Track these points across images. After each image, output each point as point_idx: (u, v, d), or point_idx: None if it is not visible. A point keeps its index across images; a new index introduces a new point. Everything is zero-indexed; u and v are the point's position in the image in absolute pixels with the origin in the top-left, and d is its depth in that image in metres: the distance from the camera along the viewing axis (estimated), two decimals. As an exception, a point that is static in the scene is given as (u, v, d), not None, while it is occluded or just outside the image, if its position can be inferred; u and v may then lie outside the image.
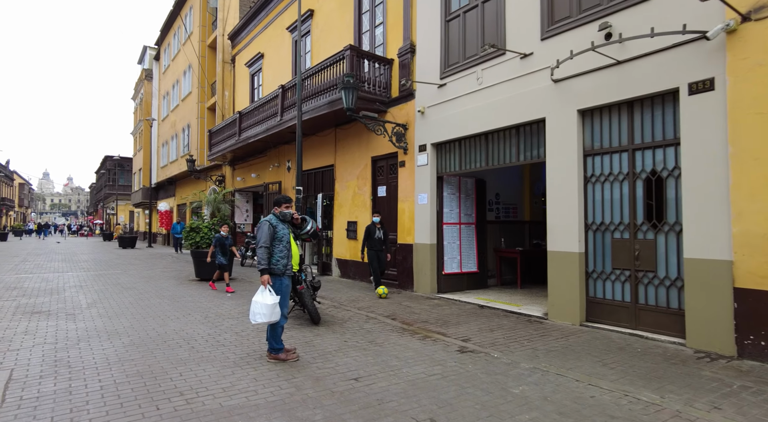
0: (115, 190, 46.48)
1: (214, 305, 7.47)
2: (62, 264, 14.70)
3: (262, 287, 4.36)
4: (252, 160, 16.46)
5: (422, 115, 8.80)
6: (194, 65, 22.07)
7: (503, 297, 8.20)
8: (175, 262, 15.71)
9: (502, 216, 10.02)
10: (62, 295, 8.40)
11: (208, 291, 8.93)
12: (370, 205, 10.25)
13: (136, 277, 11.27)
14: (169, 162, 26.36)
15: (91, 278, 11.09)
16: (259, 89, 16.77)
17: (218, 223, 10.81)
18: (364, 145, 10.48)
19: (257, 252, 4.43)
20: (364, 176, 10.46)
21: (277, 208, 4.69)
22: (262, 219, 4.61)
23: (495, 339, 5.35)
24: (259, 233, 4.50)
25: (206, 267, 10.46)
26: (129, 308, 7.19)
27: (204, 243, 10.49)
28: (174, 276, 11.59)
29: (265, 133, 12.95)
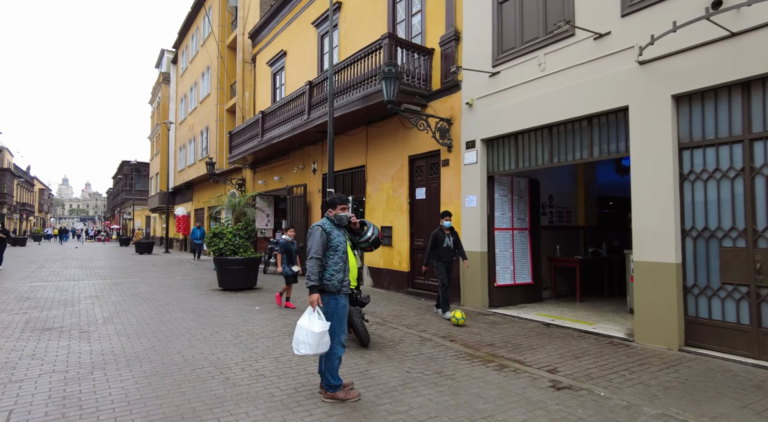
0: (131, 195, 46.44)
1: (242, 321, 6.65)
2: (78, 272, 14.10)
3: (310, 309, 3.51)
4: (274, 163, 15.73)
5: (470, 108, 7.92)
6: (213, 66, 21.55)
7: (566, 312, 7.23)
8: (194, 269, 15.01)
9: (556, 220, 9.06)
10: (77, 307, 7.68)
11: (234, 304, 8.13)
12: (407, 208, 9.37)
13: (155, 286, 10.55)
14: (187, 166, 25.88)
15: (107, 287, 10.40)
16: (281, 89, 16.07)
17: (243, 229, 10.04)
18: (400, 144, 9.63)
19: (307, 265, 3.58)
20: (400, 177, 9.60)
21: (332, 210, 3.83)
22: (313, 225, 3.76)
23: (588, 370, 4.40)
24: (309, 241, 3.66)
25: (230, 275, 9.69)
26: (149, 323, 6.41)
27: (228, 250, 9.72)
28: (195, 285, 10.85)
29: (290, 133, 12.19)
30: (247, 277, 9.87)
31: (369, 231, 4.14)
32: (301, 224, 13.41)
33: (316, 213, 12.92)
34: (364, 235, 4.13)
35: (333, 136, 9.44)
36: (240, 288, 9.80)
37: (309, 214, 13.27)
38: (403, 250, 9.42)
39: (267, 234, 17.77)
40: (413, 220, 9.28)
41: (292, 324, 6.45)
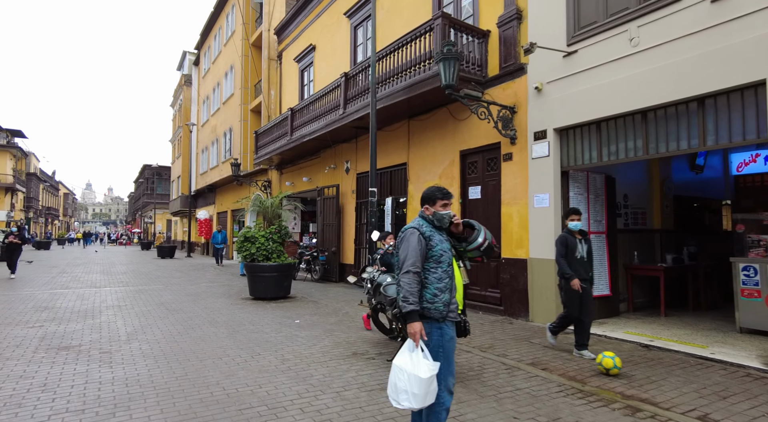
0: (153, 198, 46.46)
1: (284, 338, 5.75)
2: (100, 277, 13.47)
3: (410, 344, 2.54)
4: (303, 163, 14.92)
5: (539, 94, 6.91)
6: (236, 65, 20.97)
7: (660, 330, 6.13)
8: (219, 275, 14.26)
9: (631, 223, 7.95)
10: (98, 320, 6.89)
11: (270, 316, 7.25)
12: (458, 209, 8.38)
13: (181, 294, 9.77)
14: (209, 168, 25.37)
15: (130, 295, 9.65)
16: (309, 85, 15.28)
17: (276, 232, 9.19)
18: (449, 138, 8.66)
19: (401, 281, 2.60)
20: (450, 175, 8.62)
21: (429, 206, 2.83)
22: (405, 228, 2.79)
23: (755, 421, 3.34)
24: (402, 248, 2.68)
25: (263, 283, 8.84)
26: (178, 342, 5.55)
27: (261, 256, 8.87)
28: (223, 293, 10.03)
29: (323, 130, 11.34)
30: (281, 285, 9.00)
31: (480, 235, 3.00)
32: (333, 228, 12.53)
33: (350, 215, 12.04)
34: (474, 242, 3.00)
35: (375, 128, 8.55)
36: (273, 297, 8.93)
37: (341, 217, 12.38)
38: (454, 256, 8.42)
39: (293, 238, 16.96)
40: (466, 223, 8.28)
41: (343, 343, 5.52)
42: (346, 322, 6.79)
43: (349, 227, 12.10)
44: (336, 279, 12.11)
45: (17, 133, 42.28)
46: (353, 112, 10.01)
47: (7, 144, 40.30)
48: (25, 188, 45.51)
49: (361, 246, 11.44)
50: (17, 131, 42.09)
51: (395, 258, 2.80)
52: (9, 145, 40.59)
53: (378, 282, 5.04)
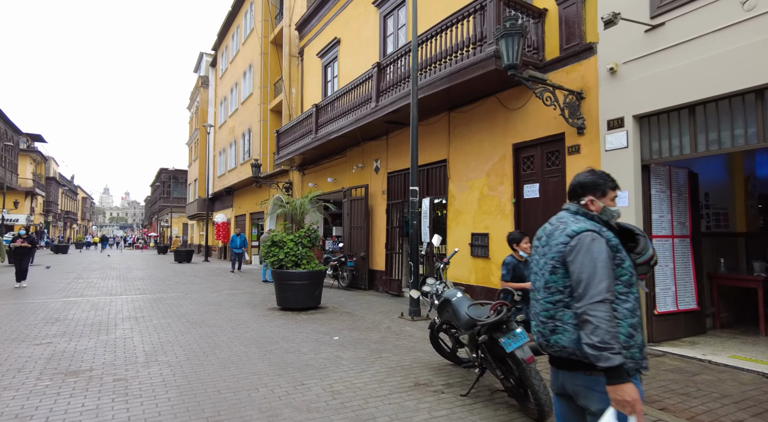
0: (169, 202, 46.29)
1: (327, 361, 4.90)
2: (116, 284, 12.84)
3: (612, 412, 1.63)
4: (327, 162, 14.14)
5: (613, 76, 5.97)
6: (255, 64, 20.37)
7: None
8: (240, 281, 13.53)
9: (713, 225, 6.94)
10: (112, 335, 6.13)
11: (304, 332, 6.41)
12: (510, 210, 7.46)
13: (201, 304, 9.01)
14: (227, 171, 24.82)
15: (148, 304, 8.93)
16: (333, 81, 14.52)
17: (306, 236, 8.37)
18: (499, 130, 7.76)
19: (590, 315, 1.64)
20: (500, 171, 7.71)
21: (595, 199, 1.93)
22: (580, 231, 1.81)
23: None
24: (581, 261, 1.73)
25: (292, 292, 8.02)
26: (204, 365, 4.74)
27: (289, 262, 8.06)
28: (247, 302, 9.24)
29: (352, 125, 10.52)
30: (311, 294, 8.18)
31: (649, 245, 2.04)
32: (361, 231, 11.70)
33: (380, 217, 11.19)
34: (645, 253, 2.00)
35: (416, 119, 7.70)
36: (303, 307, 8.10)
37: (370, 219, 11.54)
38: (505, 263, 7.49)
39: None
40: (520, 226, 7.36)
41: (397, 368, 4.65)
42: (391, 340, 5.92)
43: (379, 230, 11.25)
44: (365, 287, 11.25)
45: (37, 138, 42.50)
46: (387, 104, 9.18)
47: (27, 148, 40.50)
48: (45, 192, 45.79)
49: (394, 252, 10.57)
50: (37, 135, 42.30)
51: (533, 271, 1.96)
52: (29, 150, 40.80)
53: (445, 298, 4.15)
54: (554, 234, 1.86)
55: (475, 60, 6.95)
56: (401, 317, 7.41)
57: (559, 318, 1.76)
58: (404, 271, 10.44)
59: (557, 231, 1.86)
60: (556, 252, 1.80)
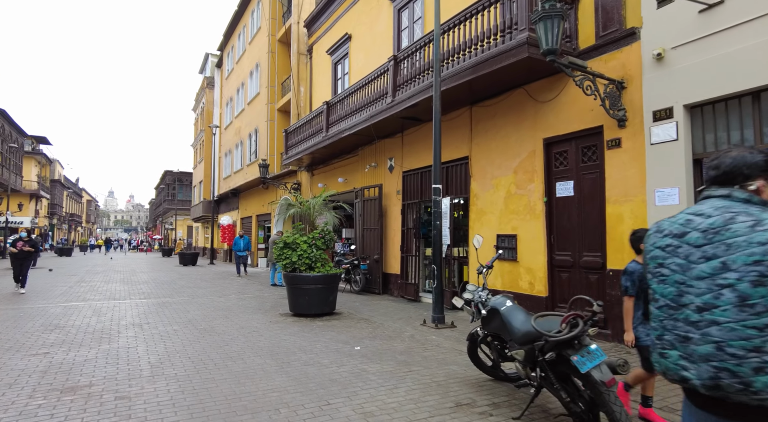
0: (174, 204, 46.05)
1: (352, 376, 4.40)
2: (120, 287, 12.39)
3: None
4: (337, 162, 13.68)
5: (659, 63, 5.47)
6: (263, 63, 19.99)
7: None
8: (247, 284, 13.05)
9: (764, 225, 6.40)
10: (114, 345, 5.66)
11: (322, 340, 5.92)
12: (541, 210, 6.96)
13: (209, 309, 8.53)
14: (233, 172, 24.42)
15: (153, 309, 8.46)
16: (344, 78, 14.09)
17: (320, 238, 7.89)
18: (527, 124, 7.26)
19: None
20: (529, 168, 7.21)
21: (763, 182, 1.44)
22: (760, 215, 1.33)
23: None
24: None
25: (306, 297, 7.53)
26: (216, 380, 4.26)
27: (303, 265, 7.58)
28: (257, 307, 8.76)
29: (367, 122, 10.06)
30: (326, 299, 7.69)
31: None
32: (374, 233, 11.21)
33: (394, 219, 10.70)
34: None
35: (440, 114, 7.22)
36: (318, 313, 7.61)
37: (384, 221, 11.05)
38: (535, 267, 6.99)
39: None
40: (552, 226, 6.85)
41: (431, 384, 4.15)
42: (417, 350, 5.42)
43: (393, 232, 10.75)
44: (379, 291, 10.75)
45: (42, 140, 42.35)
46: (405, 98, 8.70)
47: (32, 150, 40.35)
48: (50, 195, 45.61)
49: (410, 254, 10.07)
50: (42, 138, 42.16)
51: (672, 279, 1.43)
52: (34, 152, 40.64)
53: (493, 307, 3.64)
54: (737, 230, 1.32)
55: (504, 48, 6.47)
56: (424, 324, 6.90)
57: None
58: (421, 275, 9.94)
59: (741, 225, 1.33)
60: (763, 253, 1.27)
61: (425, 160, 9.72)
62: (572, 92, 6.52)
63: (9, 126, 31.76)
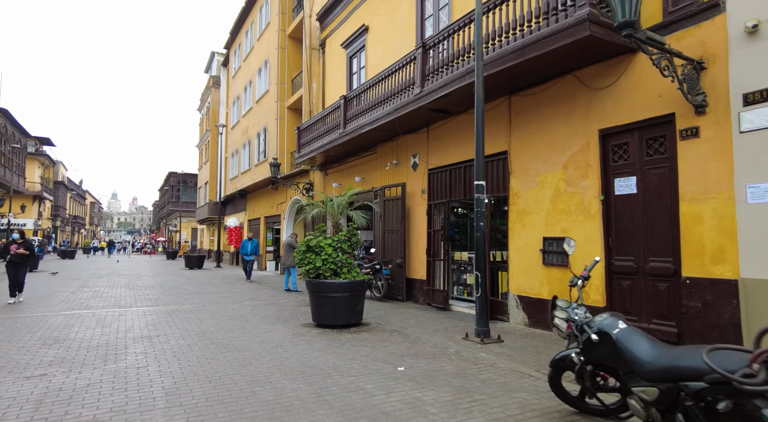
0: (178, 206, 45.43)
1: (406, 407, 3.67)
2: (125, 293, 11.70)
3: None
4: (353, 160, 12.97)
5: (752, 37, 4.73)
6: (272, 60, 19.33)
7: None
8: (259, 290, 12.34)
9: None
10: (122, 363, 4.94)
11: (357, 358, 5.18)
12: (597, 209, 6.21)
13: (223, 318, 7.82)
14: (240, 173, 23.75)
15: (162, 319, 7.75)
16: (360, 73, 13.39)
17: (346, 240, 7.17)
18: (579, 114, 6.53)
19: None
20: (581, 163, 6.47)
21: None
22: None
23: None
24: None
25: (331, 306, 6.81)
26: (245, 411, 3.54)
27: (328, 271, 6.85)
28: (275, 316, 8.03)
29: (390, 116, 9.33)
30: (353, 309, 6.96)
31: None
32: (397, 235, 10.48)
33: (419, 220, 9.96)
34: None
35: (483, 101, 6.50)
36: (345, 324, 6.88)
37: (407, 222, 10.32)
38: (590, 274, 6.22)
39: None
40: (610, 228, 6.11)
41: (506, 419, 3.41)
42: (471, 373, 4.68)
43: (417, 234, 10.02)
44: (402, 298, 10.01)
45: (45, 141, 41.85)
46: (436, 88, 7.98)
47: (35, 152, 39.86)
48: (53, 196, 45.10)
49: (437, 258, 9.33)
50: (45, 139, 41.66)
51: None
52: (37, 153, 40.16)
53: (601, 330, 2.90)
54: None
55: (559, 27, 5.74)
56: (466, 339, 6.16)
57: None
58: (450, 281, 9.19)
59: None
60: None
61: (454, 156, 9.00)
62: (635, 77, 5.79)
63: (11, 126, 31.23)
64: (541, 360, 5.10)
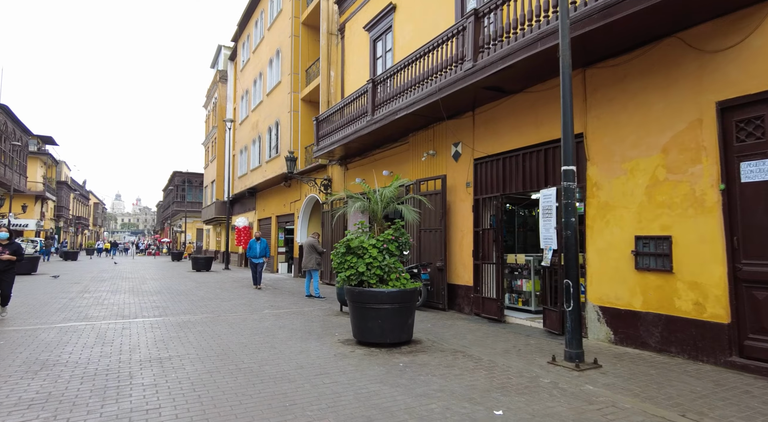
0: (183, 206, 44.40)
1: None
2: (129, 299, 10.54)
3: None
4: (379, 152, 11.78)
5: None
6: (284, 49, 18.18)
7: None
8: (277, 296, 11.14)
9: None
10: (124, 404, 3.75)
11: (431, 390, 3.98)
12: (715, 201, 4.98)
13: (245, 332, 6.63)
14: (249, 170, 22.61)
15: (173, 333, 6.57)
16: (386, 56, 12.20)
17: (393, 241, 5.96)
18: (685, 84, 5.30)
19: None
20: (689, 144, 5.24)
21: None
22: None
23: None
24: None
25: (377, 320, 5.60)
26: None
27: (374, 278, 5.65)
28: (305, 330, 6.83)
29: (430, 98, 8.13)
30: (403, 323, 5.74)
31: None
32: (436, 235, 9.26)
33: (463, 217, 8.75)
34: None
35: (569, 66, 5.29)
36: (394, 342, 5.67)
37: (448, 220, 9.11)
38: (706, 281, 5.00)
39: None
40: (735, 224, 4.88)
41: None
42: (592, 416, 3.47)
43: (461, 234, 8.81)
44: (444, 306, 8.78)
45: (48, 140, 40.83)
46: (497, 60, 6.75)
47: (38, 151, 38.84)
48: (56, 197, 44.11)
49: (487, 262, 8.12)
50: (48, 138, 40.63)
51: None
52: (40, 152, 39.14)
53: None
54: None
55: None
56: (554, 363, 4.94)
57: None
58: (502, 287, 7.96)
59: None
60: None
61: (509, 143, 7.79)
62: (772, 32, 4.57)
63: (12, 123, 30.20)
64: (672, 395, 3.88)
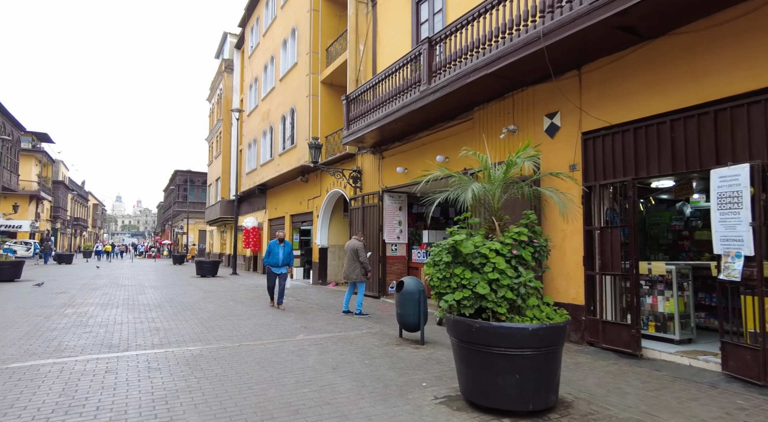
0: (185, 207, 42.31)
1: None
2: (122, 316, 8.38)
3: None
4: (427, 135, 9.62)
5: None
6: (301, 26, 16.06)
7: None
8: (307, 314, 8.96)
9: None
10: None
11: None
12: None
13: (287, 381, 4.46)
14: (259, 165, 20.46)
15: (181, 381, 4.41)
16: (433, 19, 10.05)
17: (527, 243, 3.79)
18: None
19: None
20: None
21: None
22: None
23: None
24: None
25: (513, 378, 3.40)
26: None
27: (503, 304, 3.48)
28: (372, 374, 4.65)
29: (530, 47, 5.96)
30: (550, 380, 3.54)
31: None
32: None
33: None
34: None
35: None
36: (533, 409, 3.49)
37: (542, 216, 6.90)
38: None
39: (399, 251, 11.63)
40: None
41: None
42: None
43: (562, 234, 6.60)
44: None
45: (43, 137, 38.77)
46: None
47: (32, 148, 36.73)
48: (52, 197, 42.00)
49: (606, 272, 5.94)
50: (43, 134, 38.59)
51: None
52: (34, 150, 37.03)
53: None
54: None
55: None
56: None
57: None
58: (638, 309, 5.78)
59: None
60: None
61: (642, 107, 5.63)
62: None
63: (2, 116, 28.12)
64: None
